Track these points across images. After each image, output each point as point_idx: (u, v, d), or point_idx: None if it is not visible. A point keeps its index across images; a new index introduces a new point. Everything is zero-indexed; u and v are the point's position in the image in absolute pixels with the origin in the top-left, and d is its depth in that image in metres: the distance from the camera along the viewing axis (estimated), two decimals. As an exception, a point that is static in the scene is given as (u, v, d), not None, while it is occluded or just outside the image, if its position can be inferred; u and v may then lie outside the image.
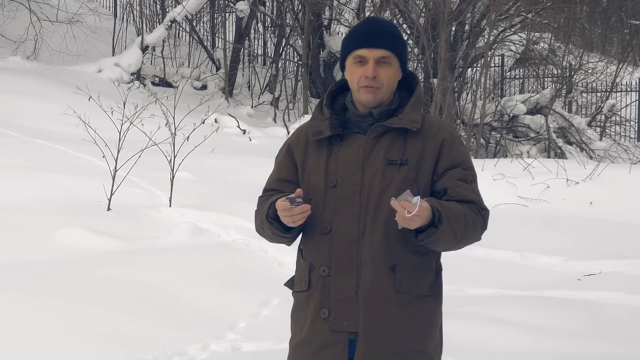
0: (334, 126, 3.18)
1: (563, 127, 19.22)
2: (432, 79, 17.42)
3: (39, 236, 7.79)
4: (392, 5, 18.74)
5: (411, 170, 3.11)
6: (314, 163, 3.20)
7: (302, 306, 3.22)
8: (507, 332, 5.99)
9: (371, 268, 3.09)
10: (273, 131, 18.12)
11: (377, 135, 3.16)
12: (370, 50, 3.14)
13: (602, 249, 8.87)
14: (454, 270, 6.13)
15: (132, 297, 6.30)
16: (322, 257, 3.15)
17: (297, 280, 3.27)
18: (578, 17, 24.31)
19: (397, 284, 3.09)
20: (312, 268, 3.18)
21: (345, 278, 3.11)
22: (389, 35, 3.18)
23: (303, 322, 3.20)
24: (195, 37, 23.11)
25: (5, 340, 5.29)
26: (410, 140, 3.15)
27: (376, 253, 3.09)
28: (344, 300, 3.10)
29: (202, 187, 10.92)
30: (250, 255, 7.95)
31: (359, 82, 3.14)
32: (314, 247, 3.18)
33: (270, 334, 5.79)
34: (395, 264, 3.09)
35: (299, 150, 3.25)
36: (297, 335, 3.23)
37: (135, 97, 14.12)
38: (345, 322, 3.10)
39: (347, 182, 3.12)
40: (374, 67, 3.13)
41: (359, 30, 3.22)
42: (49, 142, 12.74)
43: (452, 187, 3.13)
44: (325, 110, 3.24)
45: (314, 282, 3.16)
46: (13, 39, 21.12)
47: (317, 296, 3.15)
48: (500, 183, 11.51)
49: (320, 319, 3.13)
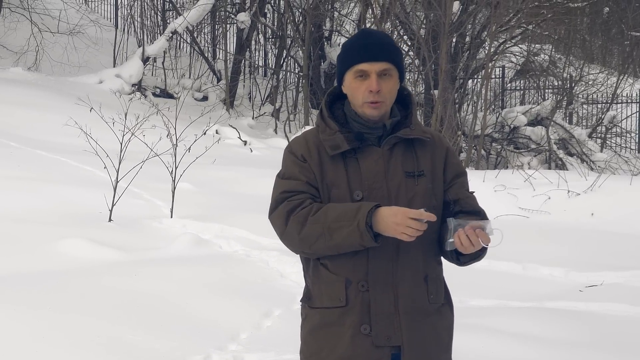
0: (350, 139, 3.13)
1: (564, 138, 19.25)
2: (433, 90, 17.45)
3: (40, 247, 7.78)
4: (393, 17, 18.76)
5: (428, 181, 3.15)
6: (333, 176, 3.14)
7: (334, 322, 3.13)
8: (509, 343, 5.98)
9: (409, 281, 3.11)
10: (274, 142, 18.13)
11: (390, 146, 3.15)
12: (371, 64, 3.11)
13: (604, 260, 8.86)
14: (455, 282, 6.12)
15: (133, 307, 6.29)
16: (359, 272, 3.10)
17: (324, 296, 3.16)
18: (579, 28, 24.36)
19: (430, 295, 3.15)
20: (349, 283, 3.11)
21: (384, 292, 3.10)
22: (388, 47, 3.16)
23: (337, 339, 3.12)
24: (196, 48, 23.16)
25: (6, 352, 5.27)
26: (420, 151, 3.17)
27: (413, 266, 3.12)
28: (385, 315, 3.09)
29: (204, 198, 10.91)
30: (252, 266, 7.93)
31: (364, 97, 3.12)
32: (350, 262, 3.11)
33: (273, 345, 5.77)
34: (427, 275, 3.15)
35: (314, 161, 3.16)
36: (331, 352, 3.13)
37: (137, 108, 14.14)
38: (387, 336, 3.09)
39: (374, 194, 3.10)
40: (377, 80, 3.10)
41: (357, 44, 3.17)
42: (50, 153, 12.74)
43: (464, 199, 3.19)
44: (330, 123, 3.19)
45: (351, 297, 3.10)
46: (14, 50, 21.16)
47: (356, 312, 3.10)
48: (501, 194, 11.50)
49: (361, 335, 3.09)
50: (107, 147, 10.23)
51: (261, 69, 24.70)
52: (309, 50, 21.06)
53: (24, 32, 21.52)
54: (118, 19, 24.43)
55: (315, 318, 3.18)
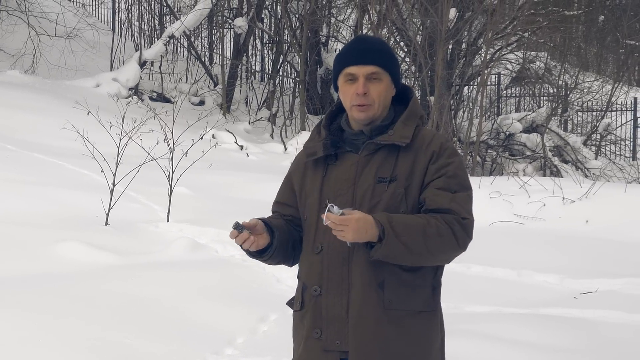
0: (326, 146, 3.20)
1: (559, 145, 19.30)
2: (429, 96, 17.49)
3: (37, 250, 7.78)
4: (390, 23, 18.81)
5: (400, 186, 3.10)
6: (311, 184, 3.23)
7: (298, 325, 3.25)
8: (505, 349, 6.00)
9: (359, 286, 3.08)
10: (270, 147, 18.16)
11: (369, 152, 3.16)
12: (359, 67, 3.16)
13: (599, 267, 8.89)
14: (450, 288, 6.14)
15: (129, 311, 6.30)
16: (314, 276, 3.16)
17: (295, 300, 3.29)
18: (574, 36, 24.44)
19: (386, 301, 3.07)
20: (305, 288, 3.19)
21: (336, 297, 3.11)
22: (378, 52, 3.19)
23: (299, 341, 3.22)
24: (193, 52, 23.17)
25: (1, 356, 5.28)
26: (402, 155, 3.14)
27: (364, 271, 3.08)
28: (335, 320, 3.11)
29: (200, 203, 10.93)
30: (248, 270, 7.95)
31: (351, 100, 3.16)
32: (307, 266, 3.20)
33: (269, 350, 5.79)
34: (383, 281, 3.07)
35: (298, 173, 3.29)
36: (295, 354, 3.25)
37: (134, 112, 14.15)
38: (336, 341, 3.11)
39: (338, 201, 3.11)
40: (364, 83, 3.14)
41: (348, 48, 3.24)
42: (47, 157, 12.75)
43: (429, 197, 3.09)
44: (322, 131, 3.26)
45: (306, 301, 3.18)
46: (11, 52, 21.14)
47: (309, 316, 3.16)
48: (496, 201, 11.53)
49: (313, 338, 3.15)
50: (104, 151, 10.23)
51: (258, 74, 24.72)
52: (306, 55, 21.09)
53: (21, 35, 21.51)
54: (115, 22, 24.42)
55: (293, 322, 3.33)
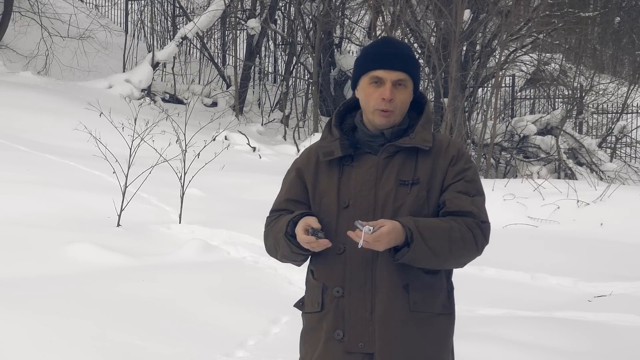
0: (345, 146, 3.16)
1: (573, 148, 19.21)
2: (442, 98, 17.42)
3: (48, 252, 7.78)
4: (404, 25, 18.76)
5: (422, 189, 3.10)
6: (325, 184, 3.18)
7: (314, 327, 3.19)
8: (518, 353, 5.96)
9: (386, 288, 3.07)
10: (283, 149, 18.13)
11: (388, 155, 3.14)
12: (388, 72, 3.12)
13: (613, 271, 8.84)
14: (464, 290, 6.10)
15: (141, 313, 6.28)
16: (335, 277, 3.12)
17: (308, 301, 3.24)
18: (589, 38, 24.35)
19: (411, 303, 3.07)
20: (325, 289, 3.15)
21: (360, 299, 3.09)
22: (407, 58, 3.16)
23: (315, 343, 3.17)
24: (206, 54, 23.18)
25: (12, 358, 5.27)
26: (422, 159, 3.13)
27: (390, 273, 3.07)
28: (359, 321, 3.08)
29: (212, 204, 10.91)
30: (260, 272, 7.93)
31: (375, 104, 3.12)
32: (327, 267, 3.15)
33: (280, 352, 5.76)
34: (408, 283, 3.07)
35: (309, 171, 3.23)
36: (309, 357, 3.20)
37: (146, 114, 14.16)
38: (360, 343, 3.08)
39: (359, 203, 3.10)
40: (391, 89, 3.11)
41: (377, 51, 3.18)
42: (59, 158, 12.76)
43: (450, 199, 3.10)
44: (334, 131, 3.22)
45: (327, 303, 3.14)
46: (24, 54, 21.21)
47: (330, 317, 3.12)
48: (510, 203, 11.48)
49: (334, 340, 3.11)
50: (117, 152, 10.23)
51: (271, 76, 24.71)
52: (319, 57, 21.07)
53: (34, 37, 21.57)
54: (128, 23, 24.45)
55: (303, 323, 3.27)
